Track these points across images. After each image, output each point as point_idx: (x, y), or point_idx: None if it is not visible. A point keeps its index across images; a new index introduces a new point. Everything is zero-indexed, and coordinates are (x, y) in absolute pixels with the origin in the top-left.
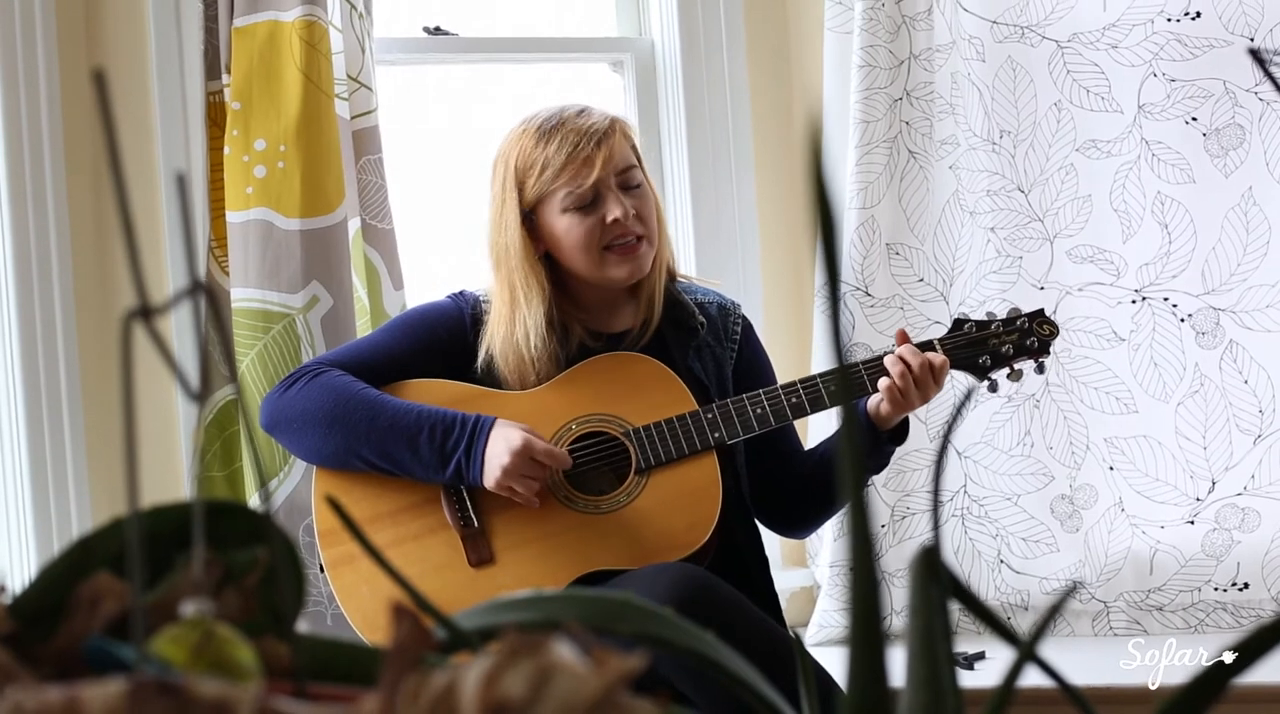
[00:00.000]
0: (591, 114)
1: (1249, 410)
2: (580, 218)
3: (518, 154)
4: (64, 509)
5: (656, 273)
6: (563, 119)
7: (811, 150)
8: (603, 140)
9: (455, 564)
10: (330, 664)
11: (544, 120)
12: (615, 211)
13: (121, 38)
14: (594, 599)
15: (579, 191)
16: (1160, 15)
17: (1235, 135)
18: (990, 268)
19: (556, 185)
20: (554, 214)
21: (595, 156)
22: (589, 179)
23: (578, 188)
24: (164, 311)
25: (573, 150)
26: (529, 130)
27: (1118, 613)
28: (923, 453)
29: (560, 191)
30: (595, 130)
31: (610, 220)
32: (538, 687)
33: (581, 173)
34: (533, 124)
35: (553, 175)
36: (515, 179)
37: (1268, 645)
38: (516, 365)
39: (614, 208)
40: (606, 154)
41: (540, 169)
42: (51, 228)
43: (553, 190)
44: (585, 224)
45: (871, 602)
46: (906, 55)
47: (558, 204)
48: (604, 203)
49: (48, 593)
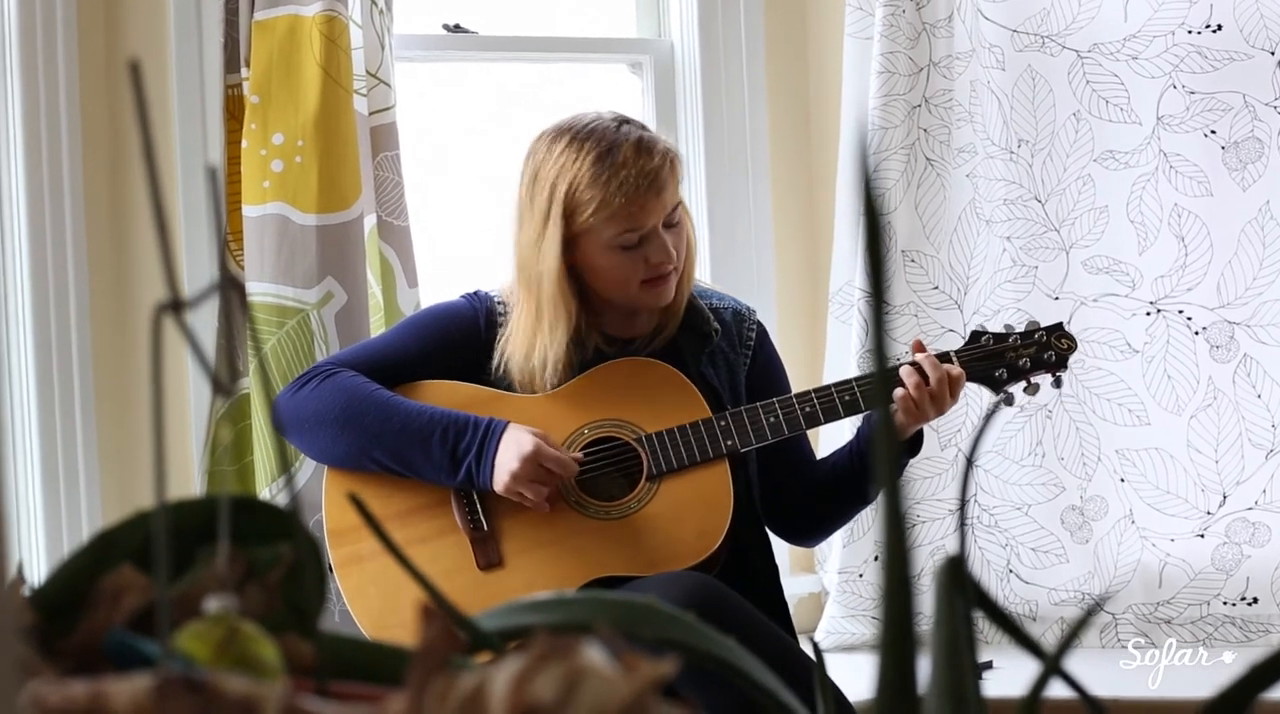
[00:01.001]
0: (651, 152)
1: (1262, 425)
2: (623, 256)
3: (571, 181)
4: (74, 503)
5: (682, 291)
6: (620, 151)
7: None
8: (663, 188)
9: (464, 567)
10: (351, 662)
11: (600, 146)
12: (659, 256)
13: (141, 29)
14: (617, 603)
15: (629, 235)
16: (1181, 27)
17: (1254, 149)
18: (1005, 277)
19: (609, 225)
20: (597, 248)
21: (654, 205)
22: (644, 227)
23: (630, 231)
24: (195, 305)
25: (633, 194)
26: (583, 155)
27: (1126, 625)
28: (933, 461)
29: (610, 231)
30: (655, 174)
31: (654, 262)
32: (568, 690)
33: (637, 219)
34: (586, 147)
35: (607, 217)
36: (564, 208)
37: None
38: (529, 377)
39: (658, 252)
40: (663, 202)
41: (595, 207)
42: (68, 220)
43: (603, 227)
44: (626, 262)
45: (905, 610)
46: (926, 62)
47: (604, 240)
48: (649, 244)
49: (69, 586)
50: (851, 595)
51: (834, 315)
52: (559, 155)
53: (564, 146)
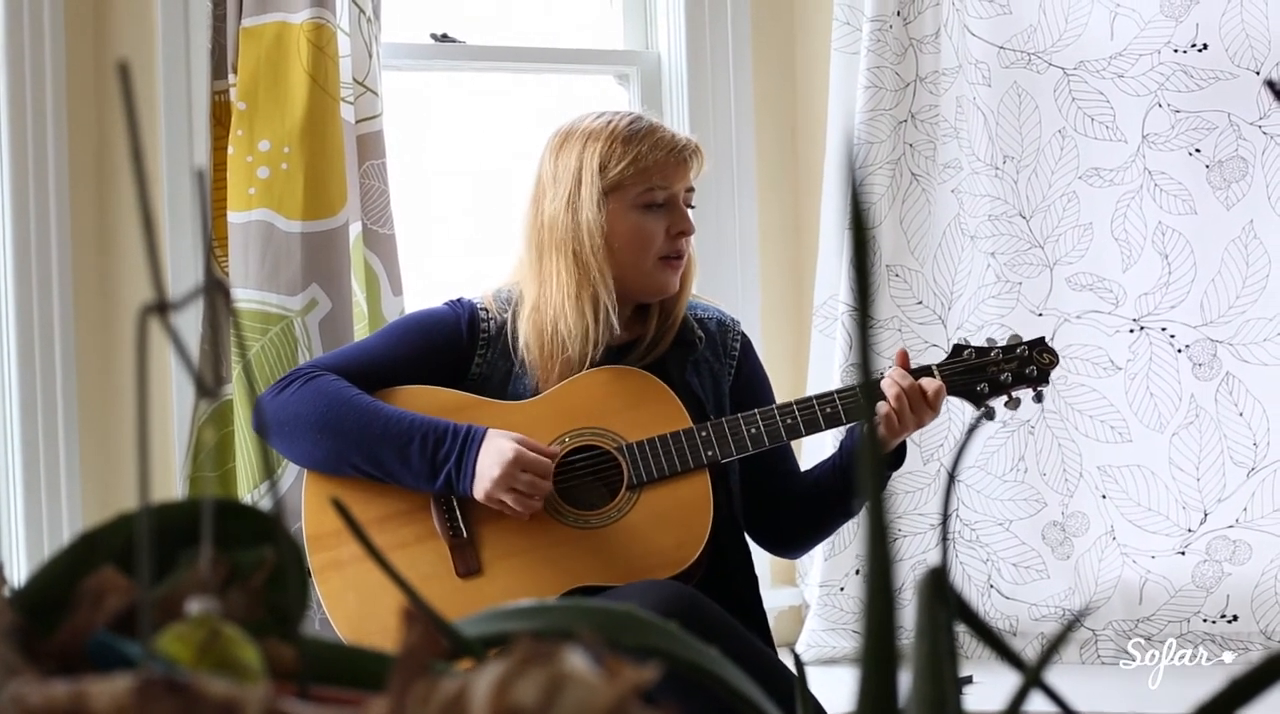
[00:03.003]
0: (676, 132)
1: (1243, 443)
2: (648, 216)
3: (608, 137)
4: (55, 505)
5: (684, 294)
6: (647, 124)
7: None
8: (689, 160)
9: (442, 574)
10: (332, 667)
11: (626, 121)
12: (685, 226)
13: (129, 34)
14: (598, 610)
15: (660, 192)
16: (1167, 46)
17: (1238, 168)
18: (989, 293)
19: (639, 179)
20: (624, 206)
21: (680, 172)
22: (674, 185)
23: (662, 187)
24: (180, 307)
25: (665, 155)
26: (613, 124)
27: (1106, 641)
28: (915, 476)
29: (641, 186)
30: (683, 146)
31: (677, 233)
32: (550, 696)
33: (670, 176)
34: (612, 123)
35: (639, 172)
36: (597, 164)
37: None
38: (550, 356)
39: (684, 222)
40: (688, 173)
41: (631, 159)
42: (53, 224)
43: (635, 181)
44: (654, 226)
45: (888, 622)
46: (913, 78)
47: (631, 198)
48: (673, 213)
49: (50, 587)
50: (832, 609)
51: (818, 328)
52: (583, 132)
53: (587, 125)
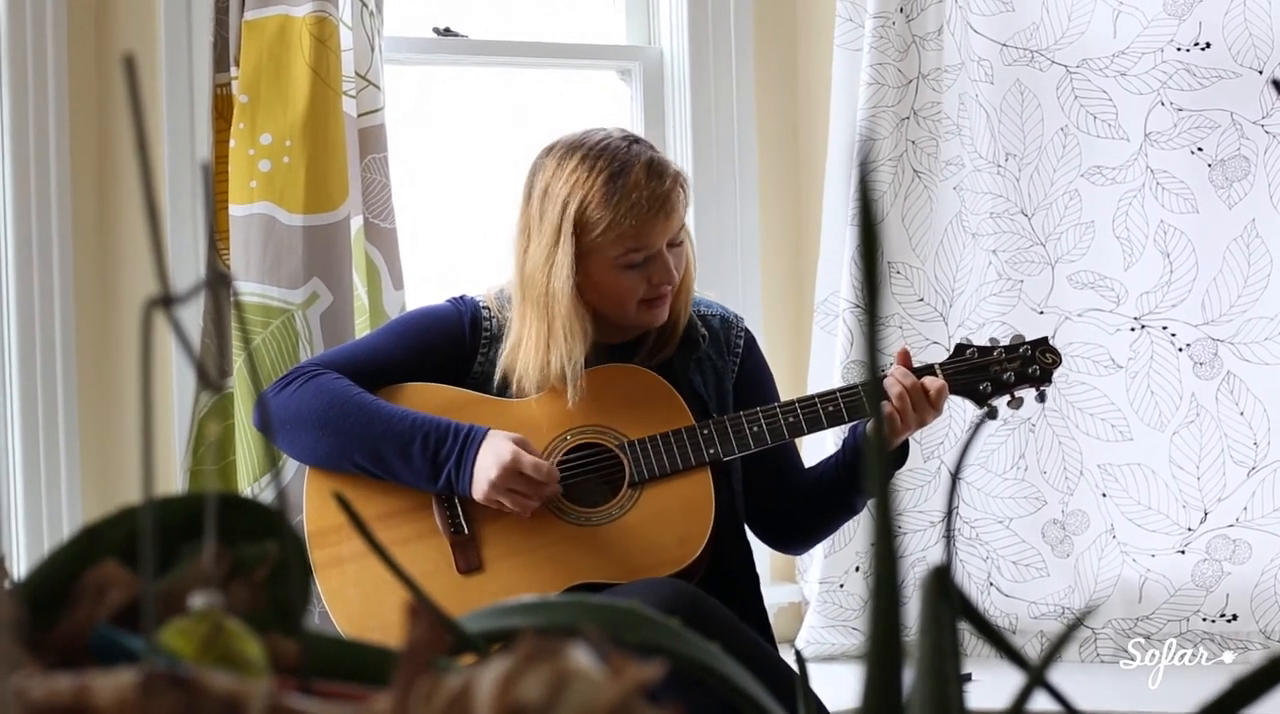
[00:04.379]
0: (662, 176)
1: (1244, 442)
2: (627, 274)
3: (583, 199)
4: (55, 499)
5: (681, 309)
6: (632, 173)
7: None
8: (673, 211)
9: (443, 571)
10: (335, 662)
11: (611, 166)
12: (661, 276)
13: (131, 26)
14: (601, 607)
15: (635, 255)
16: (1170, 44)
17: (1240, 167)
18: (990, 290)
19: (616, 245)
20: (602, 266)
21: (661, 228)
22: (651, 248)
23: (636, 251)
24: (185, 300)
25: (644, 216)
26: (594, 174)
27: (1105, 639)
28: (916, 474)
29: (617, 250)
30: (666, 197)
31: (655, 282)
32: (554, 692)
33: (645, 239)
34: (598, 166)
35: (617, 237)
36: (574, 226)
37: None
38: (540, 384)
39: (661, 272)
40: (672, 225)
41: (606, 227)
42: (54, 217)
43: (614, 245)
44: (630, 281)
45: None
46: (915, 75)
47: (609, 259)
48: (652, 265)
49: (52, 580)
50: (832, 605)
51: (819, 325)
52: (570, 173)
53: (575, 164)
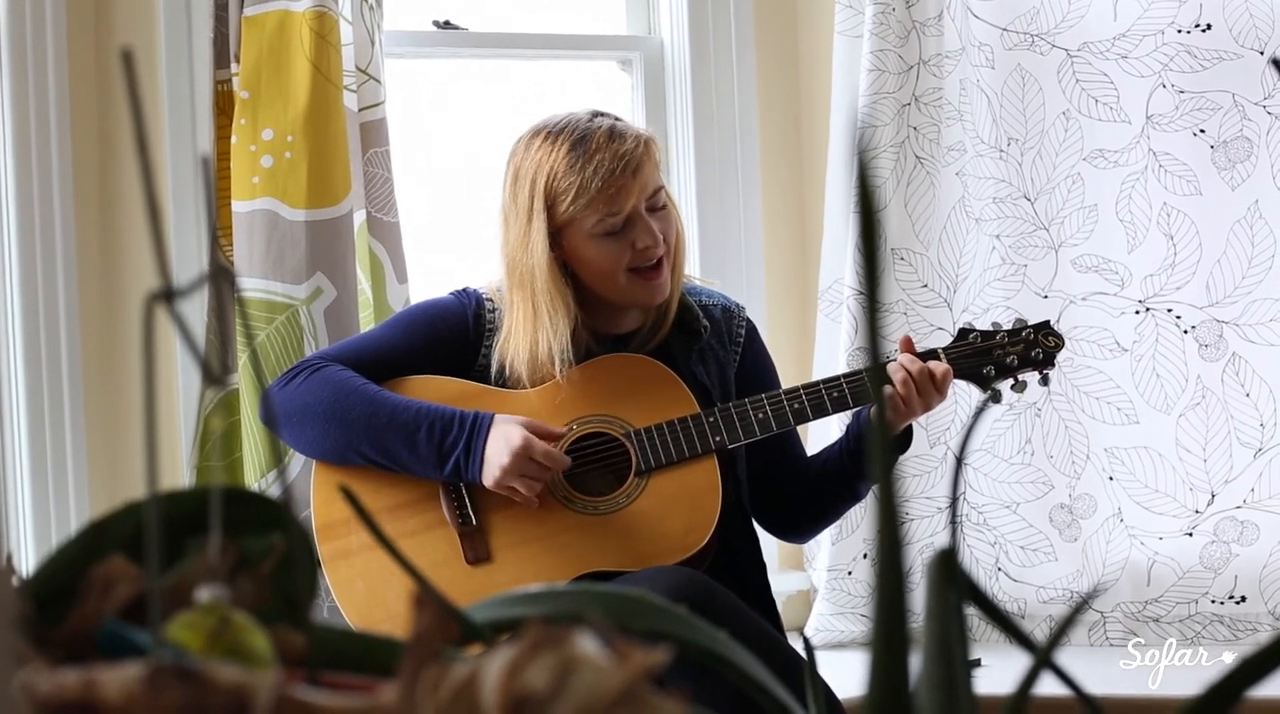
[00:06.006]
0: (624, 136)
1: (1250, 424)
2: (608, 242)
3: (549, 173)
4: (62, 494)
5: (674, 288)
6: (594, 139)
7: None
8: (638, 168)
9: (452, 561)
10: (342, 653)
11: (573, 137)
12: (645, 239)
13: (131, 22)
14: (608, 595)
15: (612, 220)
16: (1171, 26)
17: (1243, 148)
18: (994, 275)
19: (589, 211)
20: (581, 237)
21: (631, 186)
22: (624, 209)
23: (611, 215)
24: (188, 295)
25: (609, 177)
26: (558, 146)
27: (1114, 623)
28: (922, 459)
29: (592, 218)
30: (630, 156)
31: (640, 247)
32: (560, 680)
33: (616, 202)
34: (560, 139)
35: (587, 202)
36: (545, 199)
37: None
38: (533, 372)
39: (644, 235)
40: (641, 182)
41: (574, 194)
42: (56, 212)
43: (585, 215)
44: (613, 249)
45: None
46: (916, 60)
47: (587, 229)
48: (633, 228)
49: (59, 575)
50: (840, 593)
51: (823, 312)
52: (535, 151)
53: (540, 142)
